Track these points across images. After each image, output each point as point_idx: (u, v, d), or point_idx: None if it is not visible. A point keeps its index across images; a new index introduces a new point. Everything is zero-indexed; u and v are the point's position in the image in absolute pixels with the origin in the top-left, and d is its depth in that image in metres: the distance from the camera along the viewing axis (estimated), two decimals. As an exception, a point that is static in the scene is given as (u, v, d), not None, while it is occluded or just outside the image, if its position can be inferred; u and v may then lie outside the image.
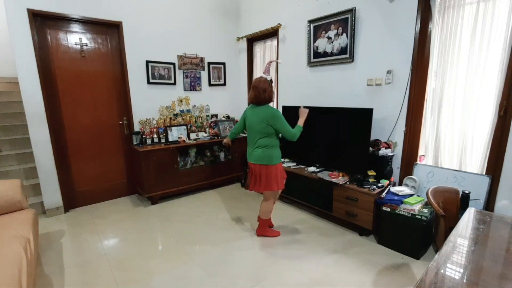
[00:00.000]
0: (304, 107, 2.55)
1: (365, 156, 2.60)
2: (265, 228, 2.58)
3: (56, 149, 3.06)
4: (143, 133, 3.51)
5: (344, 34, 2.90)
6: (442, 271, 1.12)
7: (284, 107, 3.40)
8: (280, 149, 2.43)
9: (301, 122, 2.37)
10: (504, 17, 2.02)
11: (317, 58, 3.23)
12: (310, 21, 3.20)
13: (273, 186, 2.33)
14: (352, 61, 2.90)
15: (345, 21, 2.87)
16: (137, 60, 3.48)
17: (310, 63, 3.33)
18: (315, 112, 3.05)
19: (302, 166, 3.21)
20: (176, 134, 3.63)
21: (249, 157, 2.40)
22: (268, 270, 2.11)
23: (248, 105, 2.45)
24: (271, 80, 2.33)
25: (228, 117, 4.21)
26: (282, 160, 3.41)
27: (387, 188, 2.50)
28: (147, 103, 3.64)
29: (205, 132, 3.94)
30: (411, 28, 2.44)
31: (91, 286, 1.96)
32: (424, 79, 2.50)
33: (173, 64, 3.78)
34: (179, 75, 3.89)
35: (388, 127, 2.72)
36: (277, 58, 3.77)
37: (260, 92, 2.24)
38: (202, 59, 4.06)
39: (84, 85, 3.21)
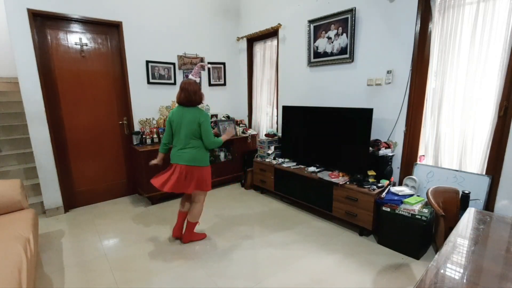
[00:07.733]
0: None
1: (365, 156, 2.60)
2: (192, 232, 2.51)
3: (56, 149, 3.06)
4: (143, 133, 3.51)
5: (344, 34, 2.90)
6: (442, 271, 1.12)
7: (284, 107, 3.41)
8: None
9: (223, 138, 2.45)
10: (504, 17, 2.02)
11: (317, 58, 3.23)
12: (310, 21, 3.20)
13: (204, 186, 2.38)
14: (352, 61, 2.90)
15: (345, 21, 2.87)
16: (137, 60, 3.48)
17: (310, 63, 3.33)
18: (315, 112, 3.07)
19: (302, 166, 3.20)
20: (176, 134, 3.63)
21: (175, 158, 2.34)
22: (268, 270, 2.11)
23: (181, 105, 2.34)
24: (199, 83, 2.34)
25: (228, 117, 4.21)
26: (282, 160, 3.46)
27: (387, 188, 2.50)
28: (147, 103, 3.64)
29: (205, 132, 3.93)
30: (411, 28, 2.44)
31: (91, 286, 1.96)
32: (424, 79, 2.50)
33: (173, 64, 3.78)
34: (179, 75, 3.88)
35: (388, 127, 2.72)
36: (276, 58, 3.78)
37: (191, 95, 2.29)
38: (202, 59, 4.05)
39: (84, 85, 3.21)
